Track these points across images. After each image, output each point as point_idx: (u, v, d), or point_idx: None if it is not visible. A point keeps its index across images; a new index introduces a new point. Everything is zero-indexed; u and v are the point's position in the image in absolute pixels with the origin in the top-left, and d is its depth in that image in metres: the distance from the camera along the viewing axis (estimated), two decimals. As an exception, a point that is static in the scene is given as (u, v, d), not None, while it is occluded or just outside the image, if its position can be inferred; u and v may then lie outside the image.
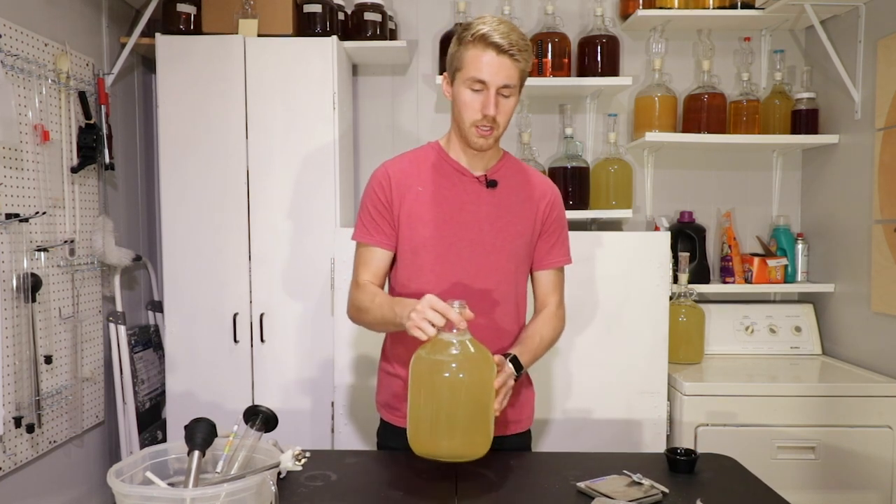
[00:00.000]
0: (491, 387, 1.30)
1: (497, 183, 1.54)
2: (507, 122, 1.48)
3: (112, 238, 2.35)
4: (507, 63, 1.41)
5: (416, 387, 1.29)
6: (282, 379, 2.39)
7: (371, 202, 1.54)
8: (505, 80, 1.42)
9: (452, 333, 1.28)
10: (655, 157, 2.78)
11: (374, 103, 2.79)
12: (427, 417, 1.28)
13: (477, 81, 1.42)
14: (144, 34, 2.46)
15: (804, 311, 2.64)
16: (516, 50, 1.41)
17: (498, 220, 1.53)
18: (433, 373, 1.27)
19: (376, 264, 1.54)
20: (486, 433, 1.30)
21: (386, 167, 1.56)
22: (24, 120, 1.97)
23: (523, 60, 1.43)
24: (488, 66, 1.41)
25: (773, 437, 2.16)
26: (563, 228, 1.62)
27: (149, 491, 1.05)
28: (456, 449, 1.29)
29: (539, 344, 1.52)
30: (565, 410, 2.24)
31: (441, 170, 1.55)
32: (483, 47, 1.41)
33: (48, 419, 2.09)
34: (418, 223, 1.51)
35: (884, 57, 2.25)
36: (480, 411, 1.28)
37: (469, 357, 1.27)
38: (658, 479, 1.36)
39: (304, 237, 2.37)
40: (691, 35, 2.74)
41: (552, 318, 1.59)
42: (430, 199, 1.52)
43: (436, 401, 1.27)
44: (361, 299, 1.50)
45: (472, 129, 1.46)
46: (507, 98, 1.45)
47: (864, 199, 2.36)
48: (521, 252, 1.56)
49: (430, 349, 1.28)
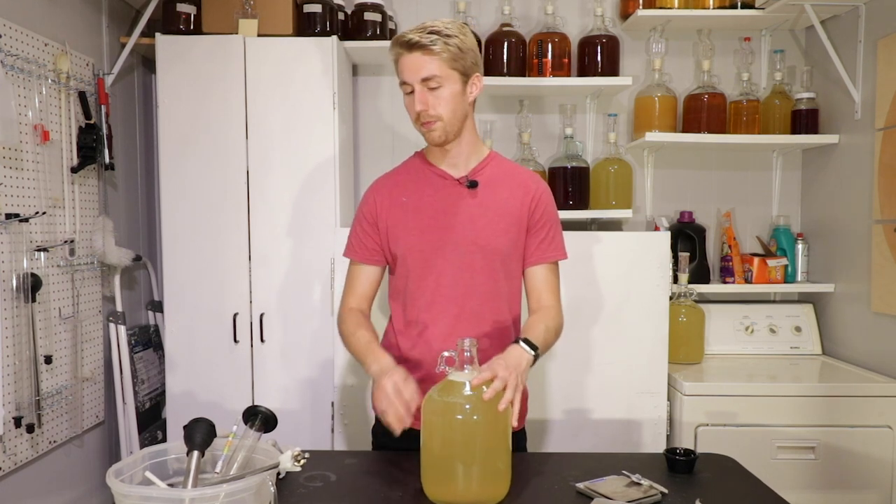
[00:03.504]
0: (507, 428, 1.26)
1: (477, 183, 1.55)
2: (450, 111, 1.47)
3: (112, 238, 2.35)
4: (419, 56, 1.44)
5: (429, 430, 1.26)
6: (281, 379, 2.39)
7: (359, 222, 1.61)
8: (424, 72, 1.44)
9: (464, 372, 1.25)
10: (655, 157, 2.77)
11: (374, 103, 2.79)
12: (441, 462, 1.25)
13: (403, 84, 1.48)
14: (144, 34, 2.46)
15: (804, 311, 2.64)
16: (427, 42, 1.42)
17: (480, 219, 1.53)
18: (446, 415, 1.23)
19: (362, 285, 1.61)
20: (504, 476, 1.27)
21: (374, 184, 1.64)
22: (24, 120, 1.97)
23: (441, 49, 1.43)
24: (404, 67, 1.46)
25: (773, 437, 2.16)
26: (552, 223, 1.59)
27: (148, 491, 1.05)
28: (473, 494, 1.24)
29: (546, 332, 1.48)
30: (565, 410, 2.24)
31: (424, 177, 1.58)
32: (398, 51, 1.46)
33: (48, 419, 2.09)
34: (402, 232, 1.55)
35: (884, 57, 2.25)
36: (497, 454, 1.25)
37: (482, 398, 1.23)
38: (657, 480, 1.36)
39: (304, 237, 2.37)
40: (691, 35, 2.74)
41: (550, 310, 1.55)
42: (414, 207, 1.56)
43: (450, 444, 1.23)
44: (343, 328, 1.57)
45: (419, 128, 1.51)
46: (435, 90, 1.45)
47: (864, 199, 2.36)
48: (508, 250, 1.55)
49: (442, 390, 1.25)
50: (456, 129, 1.51)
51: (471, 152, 1.57)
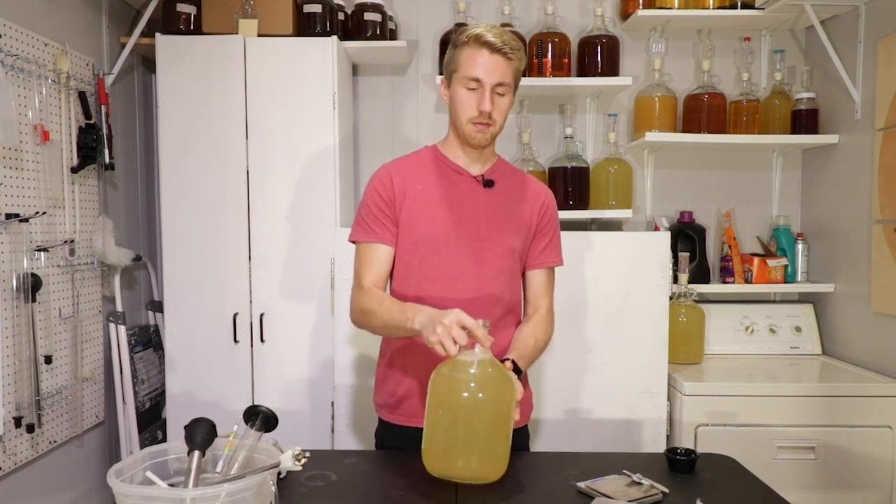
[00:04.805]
0: (510, 410, 1.28)
1: (494, 182, 1.58)
2: (503, 120, 1.52)
3: (112, 238, 2.35)
4: (500, 61, 1.46)
5: (435, 404, 1.28)
6: (282, 379, 2.39)
7: (373, 200, 1.55)
8: (499, 77, 1.46)
9: (475, 352, 1.26)
10: (655, 157, 2.78)
11: (374, 103, 2.79)
12: (444, 436, 1.27)
13: (472, 80, 1.47)
14: (144, 34, 2.46)
15: (804, 311, 2.64)
16: (509, 49, 1.46)
17: (494, 217, 1.56)
18: (453, 391, 1.25)
19: (379, 264, 1.54)
20: (502, 457, 1.29)
21: (386, 167, 1.59)
22: (24, 120, 1.97)
23: (517, 59, 1.48)
24: (483, 65, 1.46)
25: (773, 437, 2.16)
26: (555, 230, 1.65)
27: (149, 491, 1.05)
28: (471, 470, 1.27)
29: (534, 347, 1.54)
30: (565, 410, 2.24)
31: (439, 169, 1.58)
32: (477, 47, 1.46)
33: (48, 419, 2.09)
34: (417, 219, 1.54)
35: (884, 57, 2.25)
36: (499, 434, 1.27)
37: (491, 378, 1.26)
38: (658, 479, 1.36)
39: (304, 237, 2.37)
40: (691, 35, 2.74)
41: (544, 323, 1.60)
42: (429, 196, 1.55)
43: (454, 419, 1.25)
44: (367, 302, 1.48)
45: (469, 125, 1.50)
46: (501, 97, 1.49)
47: (864, 199, 2.36)
48: (517, 250, 1.58)
49: (452, 367, 1.26)
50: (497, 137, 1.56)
51: (489, 155, 1.61)
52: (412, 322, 1.33)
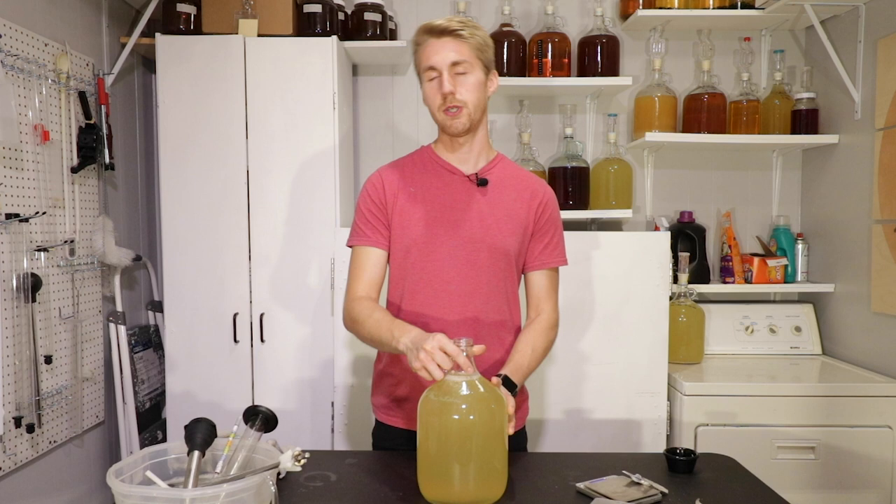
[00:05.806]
0: (503, 427, 1.26)
1: (488, 181, 1.55)
2: (475, 98, 1.49)
3: (112, 238, 2.35)
4: (449, 42, 1.45)
5: (425, 430, 1.25)
6: (282, 379, 2.39)
7: (365, 205, 1.56)
8: (454, 56, 1.45)
9: (461, 373, 1.24)
10: (655, 157, 2.78)
11: (374, 103, 2.79)
12: (438, 462, 1.24)
13: (429, 69, 1.47)
14: (144, 34, 2.46)
15: (804, 311, 2.64)
16: (457, 26, 1.45)
17: (489, 217, 1.53)
18: (443, 415, 1.22)
19: (371, 268, 1.54)
20: (500, 476, 1.26)
21: (380, 172, 1.59)
22: (24, 120, 1.97)
23: (470, 35, 1.46)
24: (432, 51, 1.46)
25: (773, 437, 2.16)
26: (556, 229, 1.61)
27: (149, 491, 1.05)
28: (470, 494, 1.24)
29: (532, 356, 1.50)
30: (565, 410, 2.24)
31: (432, 170, 1.57)
32: (425, 37, 1.47)
33: (48, 419, 2.09)
34: (409, 222, 1.53)
35: (884, 57, 2.25)
36: (494, 454, 1.24)
37: (481, 398, 1.23)
38: (657, 480, 1.36)
39: (304, 237, 2.37)
40: (691, 35, 2.74)
41: (545, 329, 1.56)
42: (421, 198, 1.54)
43: (447, 445, 1.22)
44: (357, 311, 1.48)
45: (440, 114, 1.49)
46: (463, 75, 1.47)
47: (863, 199, 2.36)
48: (513, 251, 1.55)
49: (438, 390, 1.24)
50: (477, 119, 1.51)
51: (481, 150, 1.57)
52: (397, 342, 1.33)
